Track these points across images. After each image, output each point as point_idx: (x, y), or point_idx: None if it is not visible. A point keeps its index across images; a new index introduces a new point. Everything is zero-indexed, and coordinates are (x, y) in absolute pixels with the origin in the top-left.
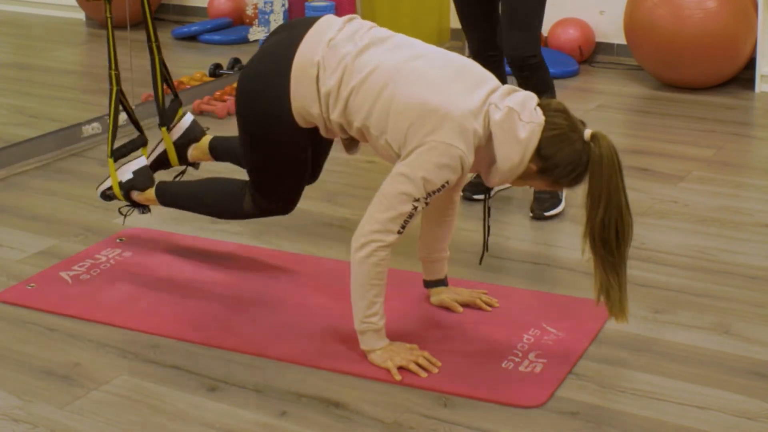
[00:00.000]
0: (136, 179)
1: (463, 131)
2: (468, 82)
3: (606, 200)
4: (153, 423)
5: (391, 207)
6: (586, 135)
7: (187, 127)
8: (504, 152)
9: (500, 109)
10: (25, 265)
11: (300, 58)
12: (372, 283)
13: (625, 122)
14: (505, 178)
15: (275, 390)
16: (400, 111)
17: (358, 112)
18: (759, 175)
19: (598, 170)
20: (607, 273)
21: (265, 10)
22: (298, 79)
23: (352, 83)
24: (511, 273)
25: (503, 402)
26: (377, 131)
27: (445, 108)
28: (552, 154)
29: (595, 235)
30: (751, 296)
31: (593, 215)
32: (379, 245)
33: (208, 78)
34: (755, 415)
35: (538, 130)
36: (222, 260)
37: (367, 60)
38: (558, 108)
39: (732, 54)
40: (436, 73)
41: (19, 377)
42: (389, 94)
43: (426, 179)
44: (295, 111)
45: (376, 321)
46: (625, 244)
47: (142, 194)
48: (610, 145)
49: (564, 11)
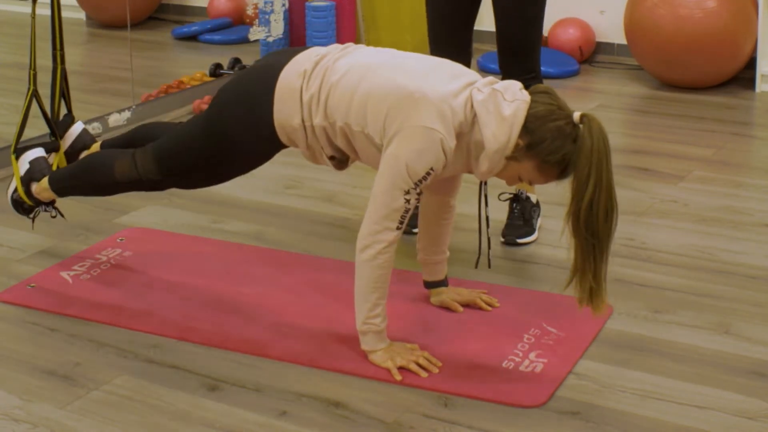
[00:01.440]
0: (31, 169)
1: (441, 114)
2: (446, 73)
3: (596, 180)
4: (153, 423)
5: (384, 205)
6: (576, 116)
7: (77, 135)
8: (490, 132)
9: (483, 92)
10: (25, 265)
11: (288, 70)
12: (375, 286)
13: (626, 122)
14: (494, 162)
15: (275, 390)
16: (376, 100)
17: (338, 109)
18: (759, 174)
19: (587, 149)
20: (585, 258)
21: (266, 10)
22: (282, 92)
23: (330, 82)
24: (511, 273)
25: (504, 402)
26: (358, 126)
27: (421, 91)
28: (538, 126)
29: (580, 215)
30: (751, 296)
31: (580, 195)
32: (381, 246)
33: (208, 78)
34: (755, 414)
35: (523, 107)
36: (222, 260)
37: (346, 60)
38: (545, 90)
39: (732, 53)
40: (413, 63)
41: (20, 377)
42: (366, 86)
43: (409, 167)
44: (277, 123)
45: (378, 323)
46: (611, 229)
47: (38, 185)
48: (599, 126)
49: (564, 11)
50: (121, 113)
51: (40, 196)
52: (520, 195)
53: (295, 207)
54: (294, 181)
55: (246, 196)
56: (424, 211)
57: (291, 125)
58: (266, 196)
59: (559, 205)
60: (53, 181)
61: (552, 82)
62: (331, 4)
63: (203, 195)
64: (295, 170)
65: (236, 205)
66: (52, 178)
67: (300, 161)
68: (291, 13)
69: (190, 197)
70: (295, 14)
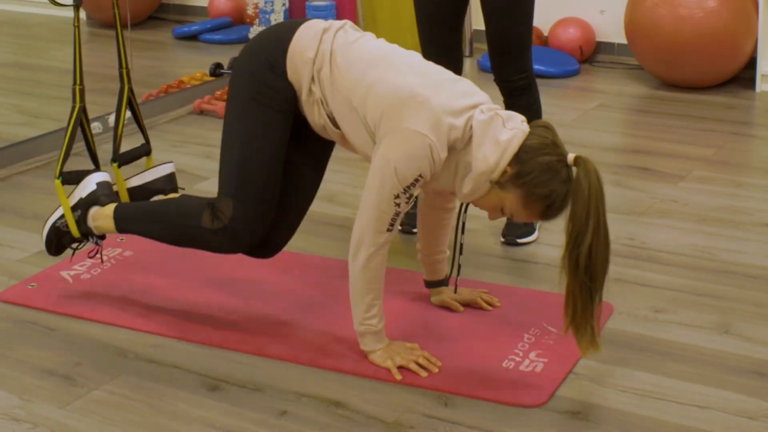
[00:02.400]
0: (98, 192)
1: (437, 123)
2: (458, 91)
3: (595, 224)
4: (153, 422)
5: (375, 208)
6: (570, 158)
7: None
8: (481, 153)
9: (485, 114)
10: (25, 265)
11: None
12: (369, 288)
13: (626, 121)
14: (478, 184)
15: (276, 389)
16: (383, 90)
17: (344, 81)
18: (759, 174)
19: (584, 194)
20: (584, 300)
21: (266, 10)
22: (302, 32)
23: (347, 56)
24: (511, 272)
25: (504, 401)
26: (360, 106)
27: (424, 96)
28: (530, 158)
29: (580, 261)
30: (751, 296)
31: (579, 241)
32: (373, 249)
33: (208, 77)
34: (755, 414)
35: (521, 136)
36: (222, 260)
37: (367, 44)
38: (544, 124)
39: (732, 53)
40: (428, 67)
41: (20, 376)
42: (378, 73)
43: (398, 171)
44: (290, 52)
45: (375, 323)
46: (606, 269)
47: (100, 210)
48: (594, 169)
49: (564, 11)
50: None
51: (95, 224)
52: None
53: None
54: None
55: None
56: (423, 211)
57: (303, 57)
58: None
59: None
60: (121, 213)
61: (552, 81)
62: (331, 4)
63: (203, 195)
64: None
65: None
66: (122, 211)
67: None
68: (291, 13)
69: None
70: (295, 14)
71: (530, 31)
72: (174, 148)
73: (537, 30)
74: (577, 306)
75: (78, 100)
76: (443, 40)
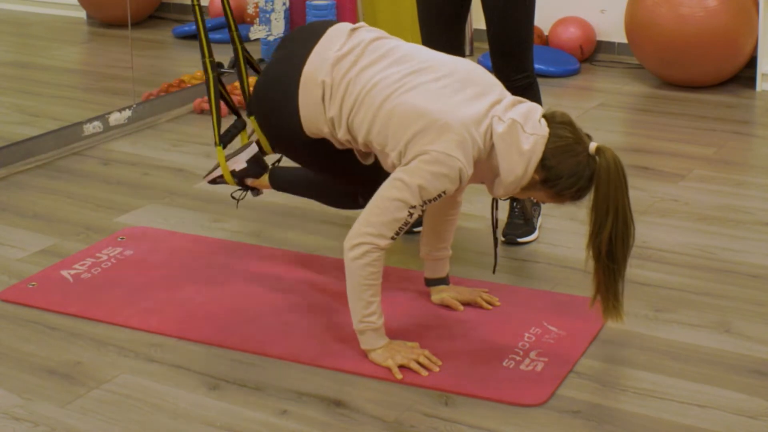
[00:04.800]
0: (250, 168)
1: (462, 142)
2: (470, 92)
3: (614, 213)
4: (154, 422)
5: (387, 212)
6: (591, 148)
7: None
8: (507, 165)
9: (503, 122)
10: (26, 264)
11: (306, 78)
12: (367, 284)
13: (626, 121)
14: (509, 190)
15: (276, 388)
16: (399, 123)
17: (360, 129)
18: (760, 173)
19: (605, 183)
20: (607, 280)
21: (266, 9)
22: (306, 103)
23: (350, 102)
24: (512, 272)
25: (504, 401)
26: (379, 146)
27: (444, 118)
28: (555, 164)
29: (602, 248)
30: (752, 295)
31: (600, 229)
32: (372, 248)
33: None
34: (756, 413)
35: (542, 141)
36: (223, 259)
37: (368, 78)
38: (563, 120)
39: (733, 52)
40: (436, 85)
41: (20, 376)
42: (389, 107)
43: (422, 187)
44: (306, 130)
45: (374, 320)
46: (628, 251)
47: (256, 180)
48: (615, 158)
49: (565, 10)
50: (121, 112)
51: (252, 185)
52: None
53: (295, 206)
54: None
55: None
56: (430, 208)
57: (321, 132)
58: (267, 195)
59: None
60: (278, 180)
61: (553, 80)
62: (331, 3)
63: (204, 194)
64: None
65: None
66: (278, 179)
67: None
68: (292, 12)
69: (190, 196)
70: (295, 13)
71: (531, 31)
72: (174, 147)
73: (537, 29)
74: (601, 285)
75: (211, 71)
76: (445, 40)
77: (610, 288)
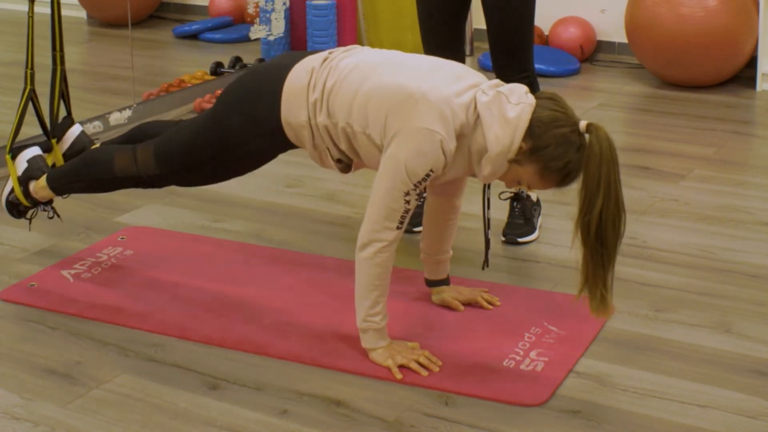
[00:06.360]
0: (30, 168)
1: (441, 115)
2: (450, 74)
3: (605, 191)
4: (154, 421)
5: (384, 205)
6: (582, 125)
7: (76, 136)
8: (493, 134)
9: (487, 94)
10: (26, 264)
11: (298, 68)
12: (375, 284)
13: (626, 121)
14: (497, 165)
15: (276, 388)
16: (378, 100)
17: (340, 109)
18: (760, 173)
19: (597, 158)
20: (595, 266)
21: (267, 9)
22: (291, 88)
23: (333, 81)
24: (512, 272)
25: (504, 400)
26: (359, 126)
27: (421, 92)
28: (543, 132)
29: (591, 227)
30: (752, 295)
31: (590, 207)
32: (381, 245)
33: (209, 76)
34: (756, 413)
35: (528, 110)
36: (223, 259)
37: (350, 60)
38: (551, 96)
39: (733, 52)
40: (416, 63)
41: (20, 375)
42: (368, 86)
43: (408, 168)
44: (283, 117)
45: (378, 321)
46: (620, 237)
47: (37, 183)
48: (606, 136)
49: (565, 10)
50: (122, 112)
51: (38, 195)
52: (521, 194)
53: (295, 206)
54: (295, 179)
55: (247, 195)
56: (429, 211)
57: (298, 122)
58: (267, 195)
59: (559, 203)
60: (52, 179)
61: (553, 80)
62: (332, 3)
63: (204, 194)
64: (295, 169)
65: (237, 204)
66: (51, 176)
67: (301, 160)
68: (292, 12)
69: (191, 196)
70: (296, 13)
71: (532, 31)
72: None
73: (538, 29)
74: (588, 271)
75: (29, 83)
76: (445, 40)
77: (598, 275)
